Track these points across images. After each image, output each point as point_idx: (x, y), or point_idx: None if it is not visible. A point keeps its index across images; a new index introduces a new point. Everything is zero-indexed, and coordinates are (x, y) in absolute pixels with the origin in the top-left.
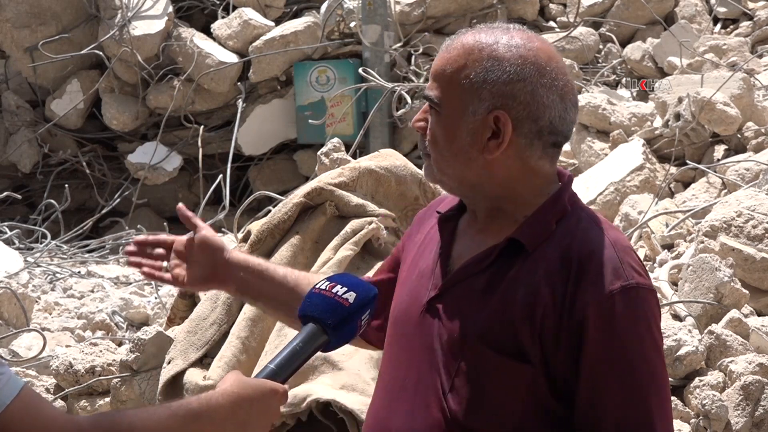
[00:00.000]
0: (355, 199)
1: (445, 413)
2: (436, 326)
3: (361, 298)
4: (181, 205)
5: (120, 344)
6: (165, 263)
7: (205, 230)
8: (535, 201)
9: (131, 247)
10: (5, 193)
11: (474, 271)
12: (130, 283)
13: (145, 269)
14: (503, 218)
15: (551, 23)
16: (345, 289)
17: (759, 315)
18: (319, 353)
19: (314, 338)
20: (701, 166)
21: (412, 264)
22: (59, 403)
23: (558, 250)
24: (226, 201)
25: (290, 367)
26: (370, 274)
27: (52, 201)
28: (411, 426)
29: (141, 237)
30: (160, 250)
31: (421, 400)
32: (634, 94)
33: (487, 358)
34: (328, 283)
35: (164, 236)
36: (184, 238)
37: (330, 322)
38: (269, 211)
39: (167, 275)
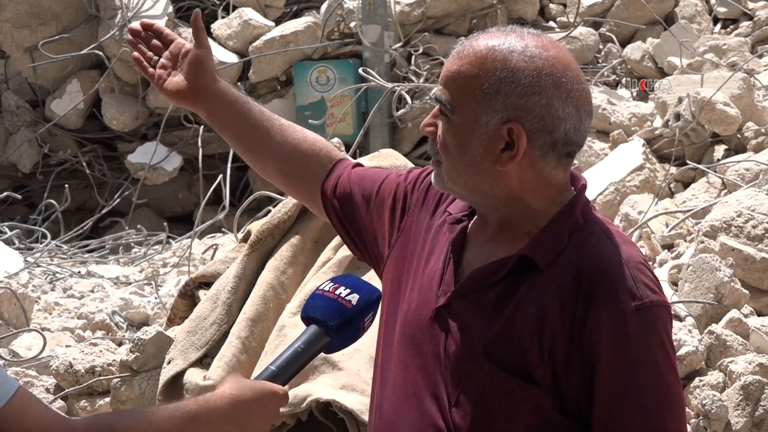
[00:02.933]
0: None
1: (449, 426)
2: (443, 337)
3: (365, 300)
4: (197, 12)
5: (120, 344)
6: (156, 58)
7: (205, 50)
8: (549, 210)
9: (136, 27)
10: (5, 193)
11: (484, 283)
12: (130, 283)
13: (136, 54)
14: (515, 228)
15: (551, 23)
16: (348, 290)
17: (759, 315)
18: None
19: (316, 340)
20: (701, 166)
21: (421, 256)
22: (59, 403)
23: (569, 267)
24: (226, 201)
25: (291, 369)
26: (372, 275)
27: (52, 201)
28: None
29: (148, 21)
30: (157, 43)
31: (427, 409)
32: (634, 94)
33: (494, 376)
34: (331, 284)
35: (169, 32)
36: (183, 44)
37: (332, 324)
38: (269, 211)
39: (151, 70)
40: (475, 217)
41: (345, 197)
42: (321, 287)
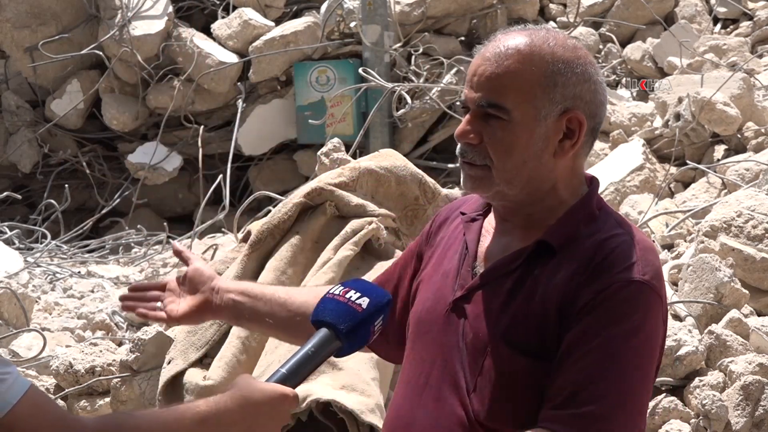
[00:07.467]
0: (355, 199)
1: (468, 412)
2: (461, 326)
3: (375, 304)
4: (174, 243)
5: (120, 344)
6: (159, 303)
7: (198, 261)
8: (569, 202)
9: (126, 293)
10: (5, 193)
11: (501, 273)
12: (130, 283)
13: (141, 309)
14: (536, 223)
15: (551, 23)
16: (358, 294)
17: (759, 315)
18: None
19: (327, 343)
20: (701, 166)
21: (436, 263)
22: (59, 403)
23: (581, 250)
24: (226, 201)
25: (301, 372)
26: (371, 275)
27: (52, 201)
28: (435, 422)
29: (135, 284)
30: (154, 293)
31: (445, 398)
32: (634, 94)
33: (511, 358)
34: (341, 288)
35: (156, 281)
36: (174, 279)
37: (342, 328)
38: (269, 211)
39: (161, 313)
40: (490, 215)
41: None
42: (331, 291)
